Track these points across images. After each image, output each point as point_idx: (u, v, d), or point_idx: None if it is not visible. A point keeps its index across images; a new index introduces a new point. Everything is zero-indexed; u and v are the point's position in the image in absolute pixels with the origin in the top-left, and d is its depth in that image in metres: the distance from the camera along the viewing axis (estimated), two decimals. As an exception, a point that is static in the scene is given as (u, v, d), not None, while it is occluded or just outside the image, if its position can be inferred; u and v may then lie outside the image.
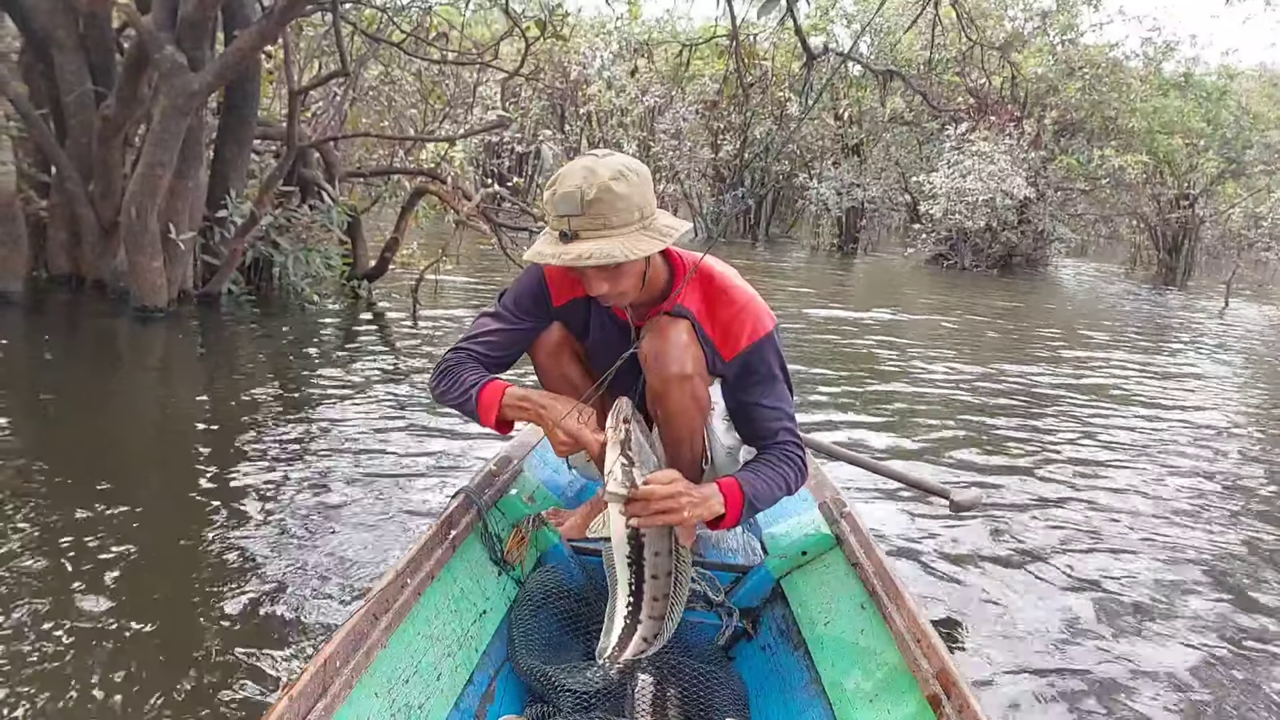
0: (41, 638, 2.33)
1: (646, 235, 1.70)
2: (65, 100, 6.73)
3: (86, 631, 2.38)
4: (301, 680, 1.35)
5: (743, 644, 2.13)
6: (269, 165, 8.16)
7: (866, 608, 1.87)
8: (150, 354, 5.82)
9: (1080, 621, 3.00)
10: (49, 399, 4.54)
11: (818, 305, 10.93)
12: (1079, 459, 5.00)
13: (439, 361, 1.99)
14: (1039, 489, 4.40)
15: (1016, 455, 4.99)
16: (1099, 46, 20.83)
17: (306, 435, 4.21)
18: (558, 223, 1.68)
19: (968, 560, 3.40)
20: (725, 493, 1.76)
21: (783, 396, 1.94)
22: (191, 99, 5.90)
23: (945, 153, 18.92)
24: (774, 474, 1.86)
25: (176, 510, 3.30)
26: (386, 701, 1.54)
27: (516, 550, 2.10)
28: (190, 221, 6.76)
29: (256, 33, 5.66)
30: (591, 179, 1.65)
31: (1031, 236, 20.16)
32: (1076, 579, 3.34)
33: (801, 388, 6.07)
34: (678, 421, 1.95)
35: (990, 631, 2.86)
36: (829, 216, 23.37)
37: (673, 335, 1.87)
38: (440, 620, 1.80)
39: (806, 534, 2.11)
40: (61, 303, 6.82)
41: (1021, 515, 4.00)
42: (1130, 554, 3.65)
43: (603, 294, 1.78)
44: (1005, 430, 5.49)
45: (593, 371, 2.14)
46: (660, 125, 19.51)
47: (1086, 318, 12.58)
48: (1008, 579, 3.27)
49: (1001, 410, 6.01)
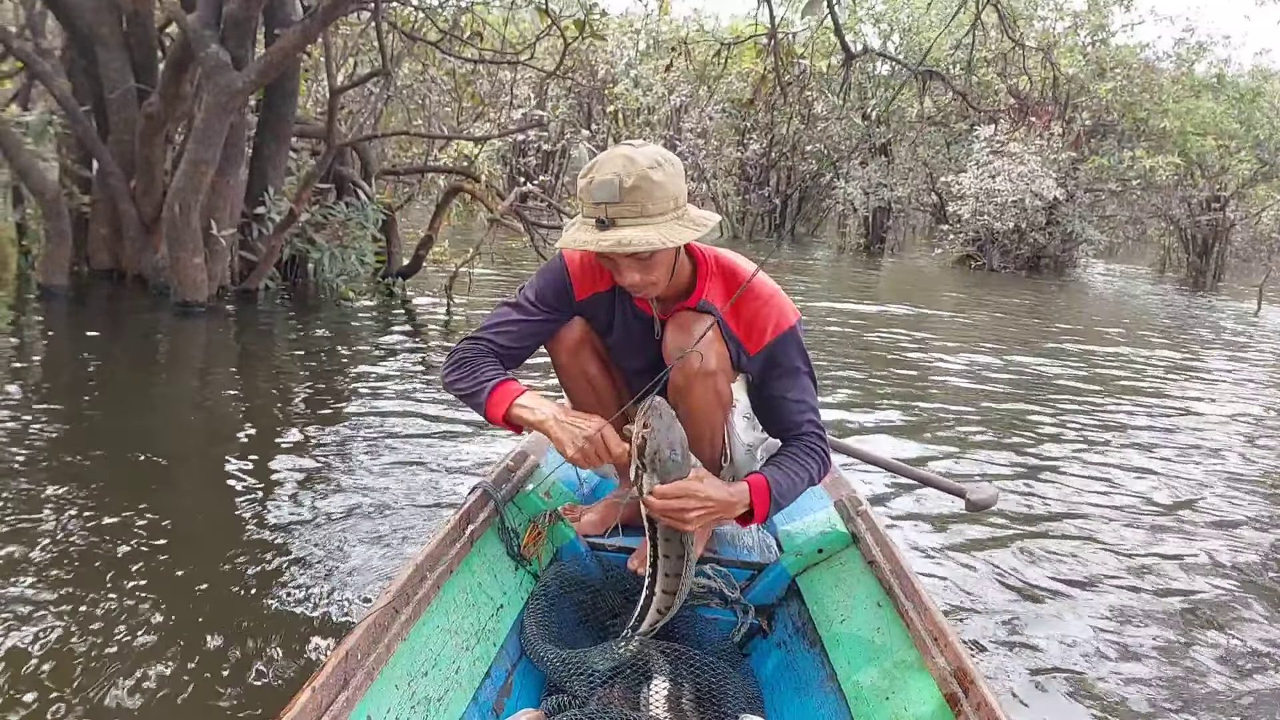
0: (80, 619, 2.38)
1: (681, 224, 1.71)
2: (109, 97, 6.83)
3: (122, 614, 2.43)
4: (323, 672, 1.36)
5: (758, 641, 2.13)
6: (305, 162, 8.23)
7: (883, 605, 1.87)
8: (191, 348, 5.90)
9: (1100, 620, 2.99)
10: (95, 391, 4.61)
11: (846, 303, 10.90)
12: (1103, 460, 4.96)
13: (453, 350, 1.97)
14: (1059, 489, 4.37)
15: (1037, 454, 4.96)
16: (1130, 47, 20.64)
17: (341, 429, 4.25)
18: (594, 210, 1.69)
19: (985, 559, 3.39)
20: (754, 493, 1.79)
21: (807, 389, 1.96)
22: (235, 97, 5.96)
23: (974, 153, 18.80)
24: (799, 468, 1.88)
25: (213, 498, 3.36)
26: (406, 694, 1.55)
27: (533, 545, 2.11)
28: (230, 218, 6.83)
29: (300, 32, 5.71)
30: (630, 167, 1.66)
31: (1060, 238, 20.00)
32: (1096, 578, 3.33)
33: (827, 386, 6.06)
34: (699, 418, 1.95)
35: (1008, 630, 2.85)
36: (856, 216, 23.28)
37: (697, 331, 1.87)
38: (458, 614, 1.81)
39: (822, 532, 2.12)
40: (103, 297, 6.92)
41: (1040, 514, 3.98)
42: (1152, 554, 3.63)
43: (634, 283, 1.78)
44: (1029, 429, 5.46)
45: (613, 368, 2.15)
46: (686, 124, 19.49)
47: (1117, 319, 12.47)
48: (1025, 578, 3.26)
49: (1029, 410, 5.96)
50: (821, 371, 6.60)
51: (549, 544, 2.19)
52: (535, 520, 2.16)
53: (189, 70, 6.56)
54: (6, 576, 2.57)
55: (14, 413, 4.03)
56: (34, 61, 6.63)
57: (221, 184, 6.57)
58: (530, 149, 17.92)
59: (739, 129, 21.87)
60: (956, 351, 8.16)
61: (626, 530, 2.27)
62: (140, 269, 7.18)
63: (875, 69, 18.37)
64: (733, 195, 22.13)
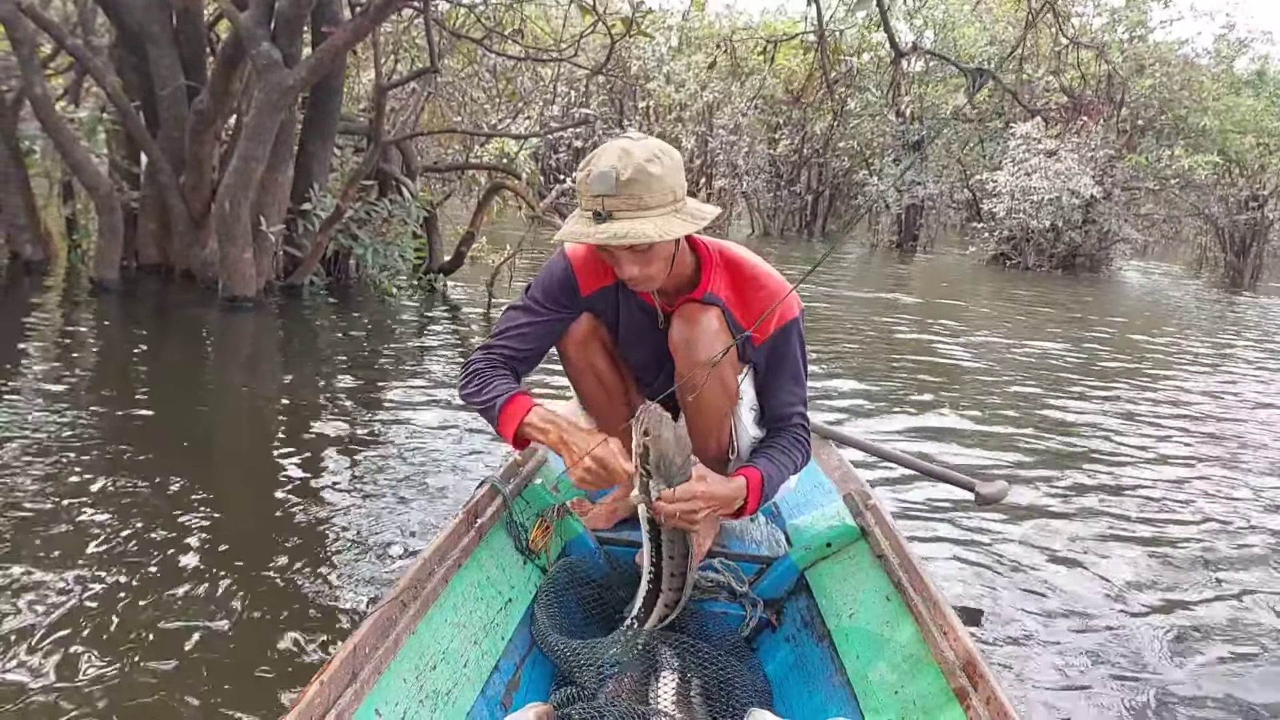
0: (128, 596, 2.46)
1: (678, 218, 1.71)
2: (160, 94, 6.90)
3: (168, 593, 2.51)
4: (331, 665, 1.36)
5: (766, 635, 2.12)
6: (348, 159, 8.29)
7: (892, 599, 1.86)
8: (239, 342, 5.96)
9: (1109, 616, 2.97)
10: (147, 383, 4.70)
11: (877, 299, 10.84)
12: (1123, 457, 4.92)
13: (467, 362, 1.99)
14: (1073, 484, 4.35)
15: (1055, 449, 4.94)
16: (1168, 44, 20.36)
17: (383, 423, 4.29)
18: (591, 202, 1.68)
19: (995, 553, 3.38)
20: (749, 486, 1.83)
21: (800, 381, 1.98)
22: (286, 94, 6.01)
23: (1010, 150, 18.62)
24: (787, 460, 1.93)
25: (257, 488, 3.42)
26: (414, 687, 1.55)
27: (541, 539, 2.10)
28: (277, 214, 6.89)
29: (351, 30, 5.75)
30: (627, 160, 1.65)
31: (1096, 236, 19.78)
32: (1108, 574, 3.30)
33: (855, 382, 6.04)
34: (706, 411, 1.94)
35: (1018, 624, 2.84)
36: (888, 213, 23.15)
37: (703, 322, 1.87)
38: (467, 608, 1.81)
39: (831, 525, 2.11)
40: (151, 291, 7.01)
41: (1052, 508, 3.96)
42: (1167, 551, 3.60)
43: (632, 276, 1.78)
44: (1055, 424, 5.43)
45: (620, 362, 2.15)
46: (719, 120, 19.44)
47: (1162, 318, 12.31)
48: (1035, 572, 3.25)
49: (1058, 404, 5.91)
50: (847, 364, 6.58)
51: (557, 538, 2.19)
52: (543, 514, 2.15)
53: (239, 68, 6.63)
54: (61, 558, 2.65)
55: (70, 403, 4.11)
56: (86, 58, 6.71)
57: (270, 180, 6.63)
58: (562, 145, 17.96)
59: (771, 125, 21.80)
60: (991, 347, 8.09)
61: (634, 524, 2.26)
62: (188, 264, 7.26)
63: (910, 65, 18.22)
64: (764, 192, 22.06)
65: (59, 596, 2.44)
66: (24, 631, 2.25)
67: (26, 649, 2.18)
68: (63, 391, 4.31)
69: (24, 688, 2.04)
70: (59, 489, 3.14)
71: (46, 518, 2.91)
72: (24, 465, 3.32)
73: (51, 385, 4.40)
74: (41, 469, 3.29)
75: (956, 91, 19.86)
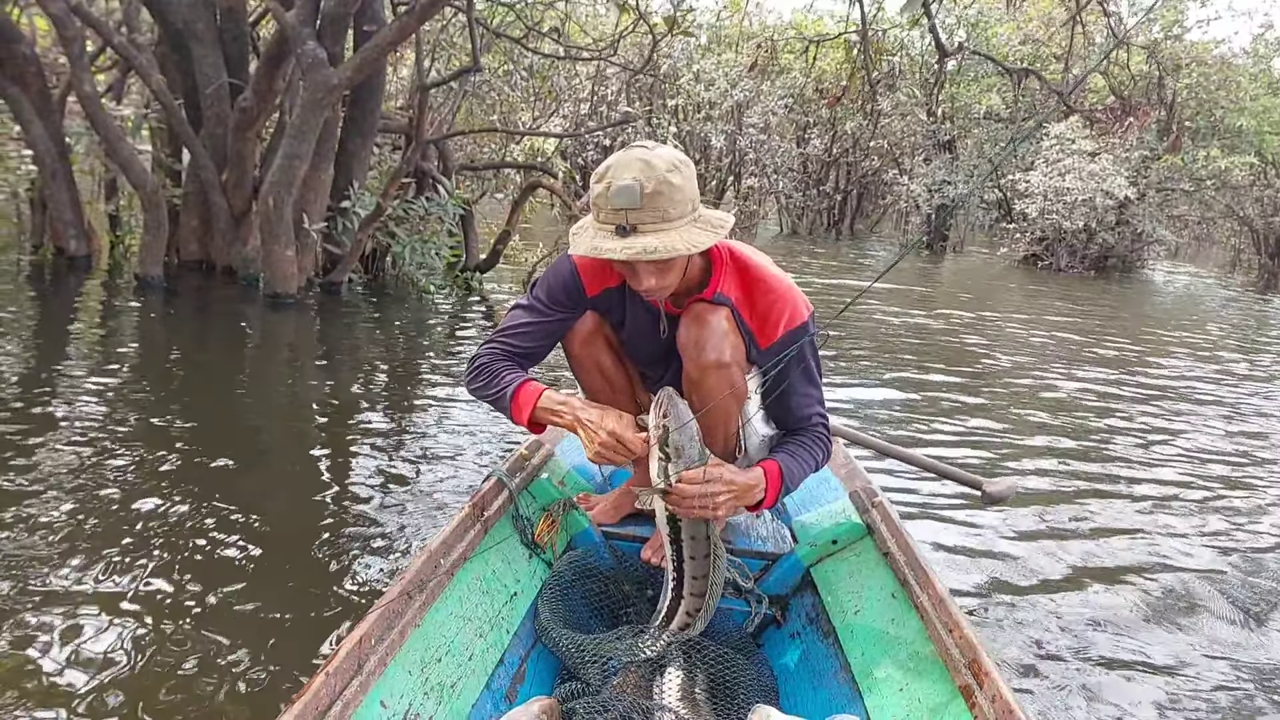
0: (166, 581, 2.52)
1: (698, 227, 1.70)
2: (204, 92, 6.97)
3: (203, 578, 2.58)
4: (337, 657, 1.36)
5: (772, 631, 2.13)
6: (386, 157, 8.34)
7: (897, 597, 1.86)
8: (281, 339, 6.00)
9: (1116, 616, 2.98)
10: (192, 378, 4.76)
11: (909, 300, 10.77)
12: (1140, 459, 4.90)
13: (472, 358, 1.98)
14: (1084, 484, 4.34)
15: (1065, 450, 4.93)
16: (1204, 43, 20.08)
17: (419, 420, 4.33)
18: (614, 216, 1.66)
19: (1001, 551, 3.38)
20: (768, 477, 1.82)
21: (815, 383, 1.97)
22: (330, 93, 6.05)
23: (1043, 150, 18.44)
24: (807, 455, 1.91)
25: (293, 480, 3.48)
26: (419, 680, 1.55)
27: (547, 533, 2.12)
28: (319, 212, 6.94)
29: (397, 29, 5.78)
30: (649, 172, 1.63)
31: (1129, 238, 19.55)
32: (1115, 573, 3.30)
33: (886, 380, 6.00)
34: (713, 410, 1.92)
35: (1023, 622, 2.84)
36: (919, 213, 22.99)
37: (713, 323, 1.87)
38: (472, 601, 1.82)
39: (837, 523, 2.10)
40: (194, 287, 7.07)
41: (1061, 508, 3.96)
42: (1177, 554, 3.59)
43: (649, 287, 1.77)
44: (1070, 429, 5.38)
45: (626, 359, 2.15)
46: (748, 119, 19.38)
47: (1196, 320, 12.15)
48: (1041, 570, 3.24)
49: (1085, 410, 5.86)
50: (874, 363, 6.54)
51: (563, 532, 2.20)
52: (549, 508, 2.17)
53: (283, 66, 6.68)
54: (104, 544, 2.72)
55: (118, 394, 4.20)
56: (133, 56, 6.78)
57: (313, 179, 6.68)
58: (590, 143, 17.95)
59: (800, 124, 21.70)
60: (1025, 348, 8.01)
61: (640, 519, 2.30)
62: (229, 260, 7.33)
63: (943, 64, 18.05)
64: (793, 191, 21.98)
65: (103, 577, 2.52)
66: (71, 605, 2.34)
67: (72, 624, 2.27)
68: (111, 383, 4.38)
69: (64, 661, 2.13)
70: (107, 475, 3.22)
71: (95, 501, 3.00)
72: (74, 452, 3.40)
73: (100, 377, 4.47)
74: (91, 456, 3.38)
75: (989, 91, 19.69)
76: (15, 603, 2.36)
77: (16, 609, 2.33)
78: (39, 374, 4.41)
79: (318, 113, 6.11)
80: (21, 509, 2.90)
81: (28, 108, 6.69)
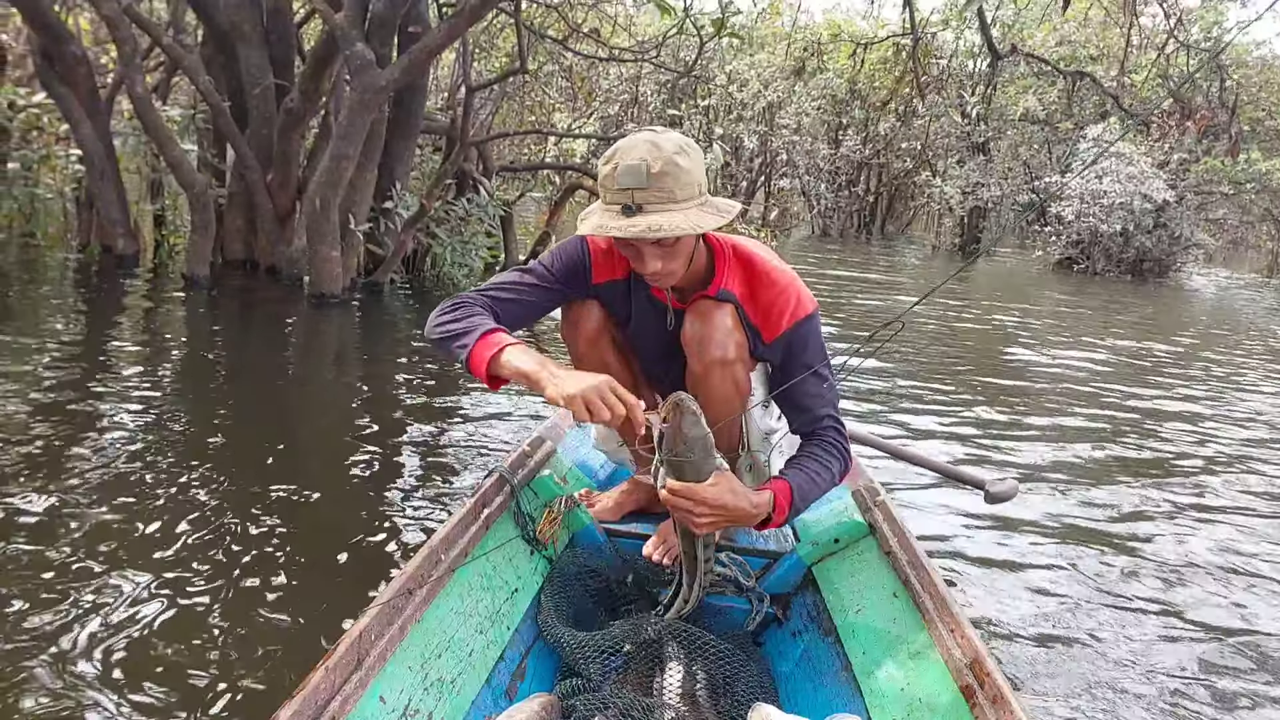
0: (209, 575, 2.55)
1: (704, 211, 1.70)
2: (251, 93, 7.01)
3: (247, 573, 2.61)
4: (336, 652, 1.36)
5: (773, 630, 2.12)
6: (426, 158, 8.36)
7: (899, 596, 1.85)
8: (326, 339, 6.03)
9: (1119, 616, 2.94)
10: (240, 377, 4.79)
11: (943, 305, 10.67)
12: (1149, 459, 4.86)
13: (449, 297, 1.91)
14: (1091, 485, 4.28)
15: (1074, 449, 4.89)
16: (1244, 45, 19.79)
17: (461, 423, 4.32)
18: (620, 195, 1.66)
19: (1004, 551, 3.35)
20: (777, 499, 1.79)
21: (826, 380, 1.94)
22: (378, 94, 6.06)
23: (1080, 152, 18.22)
24: (821, 469, 1.88)
25: (333, 479, 3.49)
26: (419, 675, 1.55)
27: (549, 530, 2.11)
28: (364, 213, 6.96)
29: (447, 31, 5.78)
30: (657, 153, 1.64)
31: (1167, 241, 19.29)
32: (1118, 574, 3.27)
33: (922, 387, 5.93)
34: (717, 407, 1.91)
35: (1026, 623, 2.82)
36: (952, 216, 22.81)
37: (717, 319, 1.86)
38: (473, 597, 1.82)
39: (839, 521, 2.09)
40: (238, 287, 7.11)
41: (1062, 507, 3.93)
42: (1181, 556, 3.54)
43: (655, 271, 1.76)
44: (1085, 433, 5.29)
45: (631, 358, 2.15)
46: (781, 120, 19.30)
47: (1236, 326, 11.96)
48: (1044, 571, 3.22)
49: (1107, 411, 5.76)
50: (903, 362, 6.46)
51: (564, 529, 2.19)
52: (551, 505, 2.15)
53: (329, 67, 6.70)
54: (151, 539, 2.76)
55: (169, 391, 4.26)
56: (181, 57, 6.83)
57: (358, 179, 6.70)
58: (618, 144, 17.95)
59: (832, 125, 21.59)
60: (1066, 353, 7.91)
61: (642, 517, 2.31)
62: (273, 260, 7.37)
63: (976, 66, 17.91)
64: (825, 192, 21.87)
65: (148, 569, 2.56)
66: (117, 596, 2.40)
67: (119, 612, 2.33)
68: (160, 379, 4.45)
69: (103, 646, 2.17)
70: (158, 472, 3.26)
71: (145, 496, 3.05)
72: (126, 447, 3.46)
73: (149, 374, 4.52)
74: (143, 451, 3.44)
75: (1025, 93, 19.48)
76: (51, 588, 2.41)
77: (54, 596, 2.38)
78: (90, 369, 4.45)
79: (365, 114, 6.13)
80: (68, 497, 2.96)
81: (77, 108, 6.76)
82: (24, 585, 2.40)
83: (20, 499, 2.91)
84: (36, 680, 2.02)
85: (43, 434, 3.51)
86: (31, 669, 2.07)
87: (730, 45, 18.49)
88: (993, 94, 9.71)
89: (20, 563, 2.52)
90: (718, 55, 18.03)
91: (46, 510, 2.85)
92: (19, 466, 3.16)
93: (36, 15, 6.32)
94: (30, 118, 7.80)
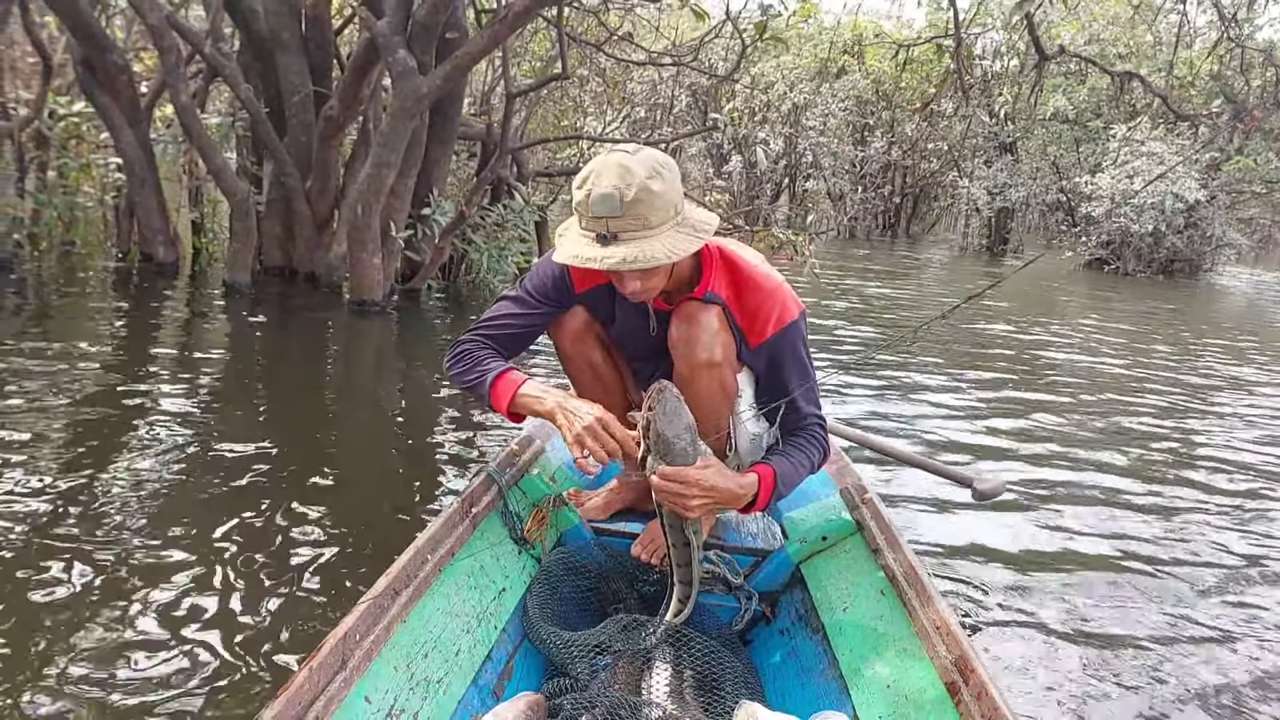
0: (243, 575, 2.58)
1: (682, 232, 1.69)
2: (290, 100, 7.01)
3: (281, 570, 2.68)
4: (321, 652, 1.35)
5: (761, 628, 2.13)
6: (461, 163, 8.35)
7: (886, 594, 1.86)
8: (366, 346, 6.04)
9: (1106, 616, 2.96)
10: (282, 384, 4.84)
11: (984, 310, 10.57)
12: (1146, 459, 4.86)
13: (454, 343, 2.00)
14: (1079, 484, 4.30)
15: (1071, 447, 4.91)
16: (1275, 42, 19.49)
17: (494, 428, 4.32)
18: (594, 224, 1.66)
19: (990, 549, 3.38)
20: (762, 482, 1.82)
21: (810, 380, 1.97)
22: (419, 101, 6.05)
23: (1111, 151, 18.03)
24: (804, 458, 1.91)
25: (377, 485, 3.52)
26: (405, 675, 1.54)
27: (537, 529, 2.11)
28: (403, 220, 6.96)
29: (489, 37, 5.76)
30: (629, 178, 1.62)
31: (1198, 240, 19.07)
32: (1106, 574, 3.28)
33: (956, 387, 5.86)
34: (704, 409, 1.91)
35: (1011, 620, 2.84)
36: (979, 216, 22.64)
37: (704, 322, 1.86)
38: (460, 596, 1.81)
39: (827, 519, 2.10)
40: (278, 294, 7.13)
41: (1051, 505, 3.94)
42: (1170, 554, 3.56)
43: (634, 290, 1.76)
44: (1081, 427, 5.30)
45: (617, 356, 2.16)
46: (808, 122, 19.21)
47: (1265, 327, 11.79)
48: (1031, 569, 3.24)
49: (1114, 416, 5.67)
50: (927, 362, 6.40)
51: (553, 528, 2.20)
52: (539, 504, 2.16)
53: (369, 74, 6.70)
54: (187, 537, 2.81)
55: (216, 396, 4.33)
56: (223, 65, 6.85)
57: (398, 186, 6.69)
58: (660, 147, 17.90)
59: (858, 127, 21.48)
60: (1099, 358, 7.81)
61: (631, 515, 2.32)
62: (311, 267, 7.38)
63: (1005, 65, 17.75)
64: (850, 193, 21.76)
65: (194, 564, 2.64)
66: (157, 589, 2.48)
67: (162, 604, 2.41)
68: (201, 385, 4.51)
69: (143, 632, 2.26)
70: (202, 475, 3.31)
71: (188, 498, 3.11)
72: (171, 449, 3.52)
73: (191, 380, 4.57)
74: (187, 455, 3.49)
75: (1055, 92, 19.29)
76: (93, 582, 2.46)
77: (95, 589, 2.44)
78: (134, 375, 4.48)
79: (407, 121, 6.12)
80: (109, 500, 3.00)
81: (118, 115, 6.79)
82: (51, 583, 2.46)
83: (61, 503, 2.95)
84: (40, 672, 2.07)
85: (85, 439, 3.54)
86: (38, 666, 2.11)
87: (767, 48, 18.49)
88: (1038, 96, 9.59)
89: (53, 555, 2.59)
90: (752, 57, 17.98)
91: (79, 515, 2.88)
92: (64, 470, 3.20)
93: (79, 24, 6.35)
94: (70, 126, 7.84)
